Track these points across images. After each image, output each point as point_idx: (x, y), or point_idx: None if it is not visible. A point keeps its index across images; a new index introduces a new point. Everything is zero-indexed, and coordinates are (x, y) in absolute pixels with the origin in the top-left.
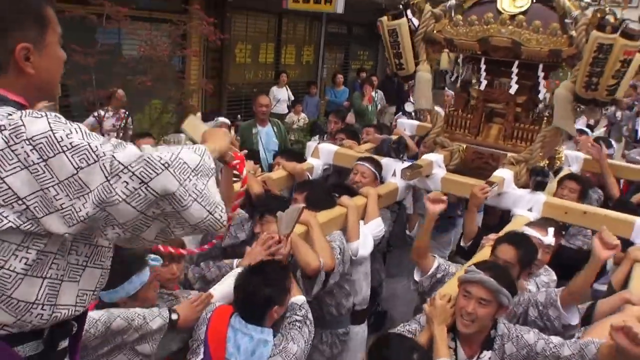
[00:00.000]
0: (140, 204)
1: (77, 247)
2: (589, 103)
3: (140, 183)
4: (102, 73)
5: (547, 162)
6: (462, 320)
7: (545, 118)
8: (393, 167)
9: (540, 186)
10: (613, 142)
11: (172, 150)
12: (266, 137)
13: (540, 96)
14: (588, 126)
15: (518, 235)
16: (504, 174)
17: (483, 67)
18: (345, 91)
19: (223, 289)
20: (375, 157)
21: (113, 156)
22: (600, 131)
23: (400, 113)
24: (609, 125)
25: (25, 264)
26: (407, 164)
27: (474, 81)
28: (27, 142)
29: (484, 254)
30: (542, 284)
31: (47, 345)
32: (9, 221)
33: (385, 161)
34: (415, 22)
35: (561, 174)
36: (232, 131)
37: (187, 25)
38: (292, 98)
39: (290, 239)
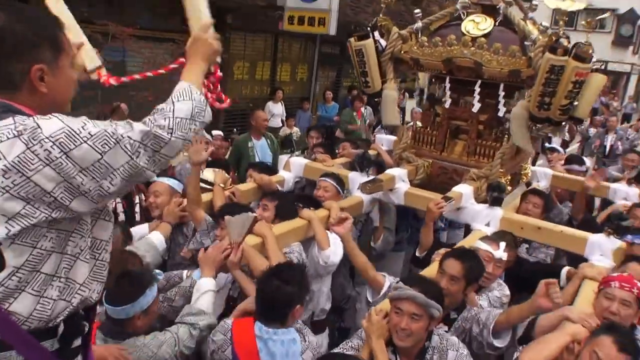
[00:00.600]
0: (155, 166)
1: (75, 238)
2: (543, 122)
3: (154, 152)
4: (106, 88)
5: (510, 177)
6: (398, 335)
7: (507, 136)
8: (358, 180)
9: (496, 202)
10: (586, 159)
11: (169, 111)
12: (261, 150)
13: (500, 114)
14: (564, 142)
15: (465, 250)
16: (462, 189)
17: (448, 85)
18: (335, 107)
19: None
20: (338, 172)
21: (129, 136)
22: (574, 147)
23: (379, 127)
24: (583, 141)
25: (51, 242)
26: (371, 177)
27: (443, 99)
28: (45, 140)
29: (433, 268)
30: (494, 299)
31: (62, 343)
32: (42, 212)
33: (351, 175)
34: (383, 42)
35: (524, 190)
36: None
37: (186, 44)
38: (285, 113)
39: (242, 248)
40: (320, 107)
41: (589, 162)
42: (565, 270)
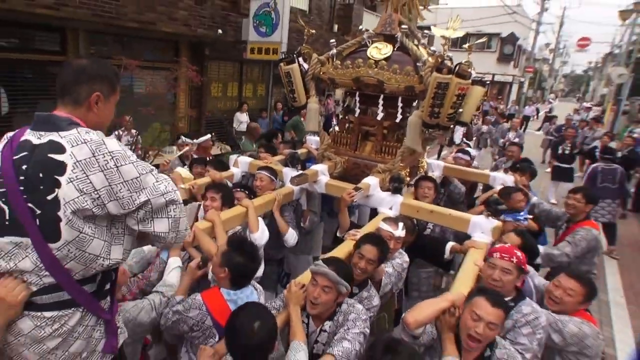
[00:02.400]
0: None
1: (116, 224)
2: (434, 127)
3: (166, 184)
4: (120, 105)
5: (409, 170)
6: (310, 304)
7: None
8: (290, 174)
9: (397, 190)
10: (471, 151)
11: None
12: None
13: (397, 120)
14: (467, 137)
15: (378, 237)
16: (370, 180)
17: (357, 99)
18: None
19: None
20: (273, 166)
21: (154, 169)
22: (472, 141)
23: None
24: (478, 137)
25: (91, 230)
26: (299, 172)
27: (355, 109)
28: (108, 154)
29: (346, 246)
30: (397, 265)
31: (98, 286)
32: (87, 203)
33: (285, 170)
34: (306, 66)
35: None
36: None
37: (178, 71)
38: (249, 120)
39: (194, 231)
40: (273, 116)
41: (481, 151)
42: (449, 245)
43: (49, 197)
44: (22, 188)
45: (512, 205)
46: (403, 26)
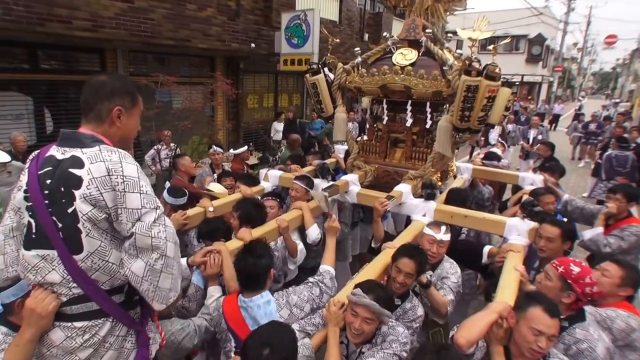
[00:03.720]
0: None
1: None
2: (464, 131)
3: (160, 230)
4: (159, 120)
5: (440, 175)
6: (351, 332)
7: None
8: (321, 186)
9: (430, 197)
10: (500, 154)
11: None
12: None
13: (427, 126)
14: (502, 137)
15: (413, 249)
16: (402, 188)
17: (385, 106)
18: (319, 122)
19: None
20: (309, 175)
21: (158, 209)
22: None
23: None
24: (505, 135)
25: (109, 241)
26: (330, 183)
27: (383, 117)
28: (121, 177)
29: (383, 257)
30: (454, 286)
31: (126, 296)
32: (101, 217)
33: (316, 181)
34: (332, 76)
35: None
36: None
37: (213, 85)
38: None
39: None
40: (308, 125)
41: (512, 149)
42: (486, 248)
43: (69, 210)
44: (46, 202)
45: (542, 207)
46: (427, 30)
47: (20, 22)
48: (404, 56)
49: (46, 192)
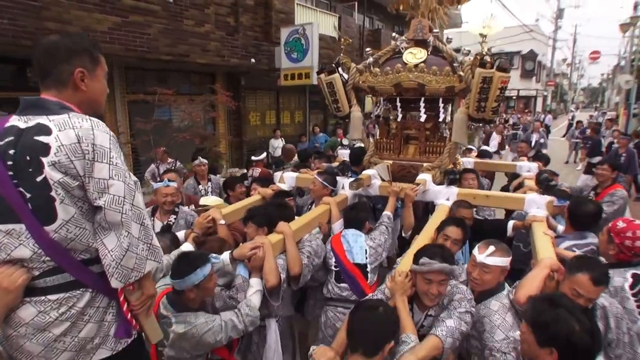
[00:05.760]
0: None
1: None
2: (479, 122)
3: (128, 208)
4: (157, 135)
5: (452, 166)
6: (429, 297)
7: (447, 136)
8: (342, 182)
9: (453, 182)
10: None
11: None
12: None
13: (440, 120)
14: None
15: (458, 219)
16: (425, 176)
17: (399, 104)
18: (323, 136)
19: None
20: (329, 171)
21: (135, 183)
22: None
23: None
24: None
25: (85, 207)
26: (352, 179)
27: (391, 116)
28: (92, 144)
29: (426, 233)
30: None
31: None
32: (74, 184)
33: (339, 179)
34: (346, 76)
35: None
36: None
37: (213, 98)
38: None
39: (264, 249)
40: (312, 138)
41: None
42: (511, 222)
43: (38, 179)
44: (10, 173)
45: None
46: (435, 30)
47: (6, 36)
48: (414, 55)
49: (10, 163)
